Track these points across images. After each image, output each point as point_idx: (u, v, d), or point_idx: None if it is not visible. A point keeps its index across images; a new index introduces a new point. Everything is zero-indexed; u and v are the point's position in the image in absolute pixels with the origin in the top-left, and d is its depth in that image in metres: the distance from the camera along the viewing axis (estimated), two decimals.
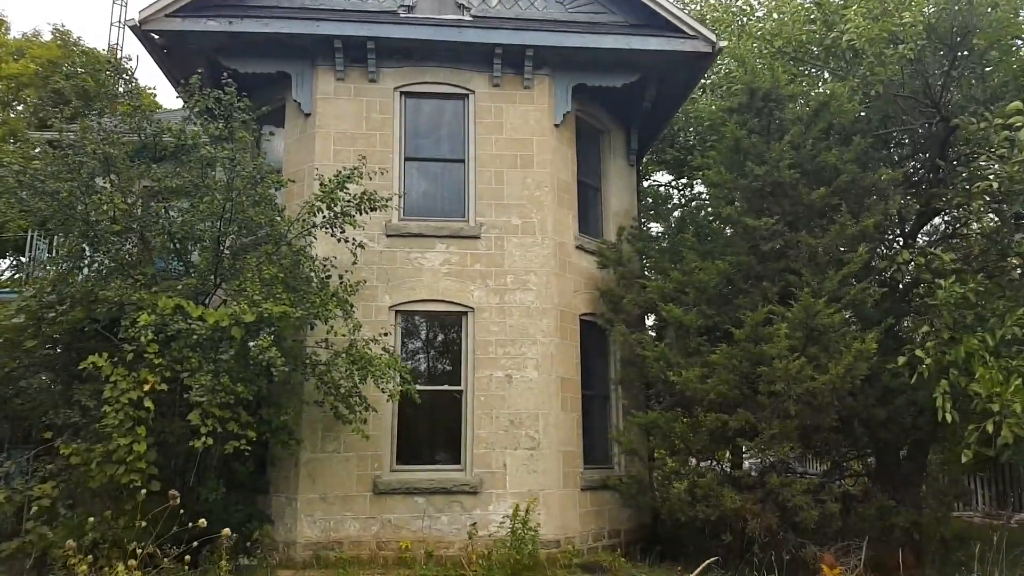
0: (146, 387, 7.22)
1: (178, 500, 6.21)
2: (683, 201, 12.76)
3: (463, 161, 10.52)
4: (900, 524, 8.40)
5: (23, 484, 8.22)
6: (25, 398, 8.45)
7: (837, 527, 8.18)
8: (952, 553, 8.99)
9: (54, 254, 8.89)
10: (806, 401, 8.02)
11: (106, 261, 8.26)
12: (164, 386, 7.33)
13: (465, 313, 10.00)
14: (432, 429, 9.99)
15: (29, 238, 13.55)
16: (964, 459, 7.36)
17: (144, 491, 7.31)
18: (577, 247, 11.00)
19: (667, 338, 9.91)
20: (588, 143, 11.92)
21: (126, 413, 7.15)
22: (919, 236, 12.17)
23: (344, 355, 8.17)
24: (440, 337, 10.30)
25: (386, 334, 9.17)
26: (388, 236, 9.98)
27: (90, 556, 7.29)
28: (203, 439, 7.13)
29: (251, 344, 7.56)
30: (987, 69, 10.86)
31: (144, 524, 7.71)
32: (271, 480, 9.49)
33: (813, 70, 13.11)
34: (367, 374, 8.06)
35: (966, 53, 10.23)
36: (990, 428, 7.06)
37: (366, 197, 8.72)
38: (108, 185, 8.25)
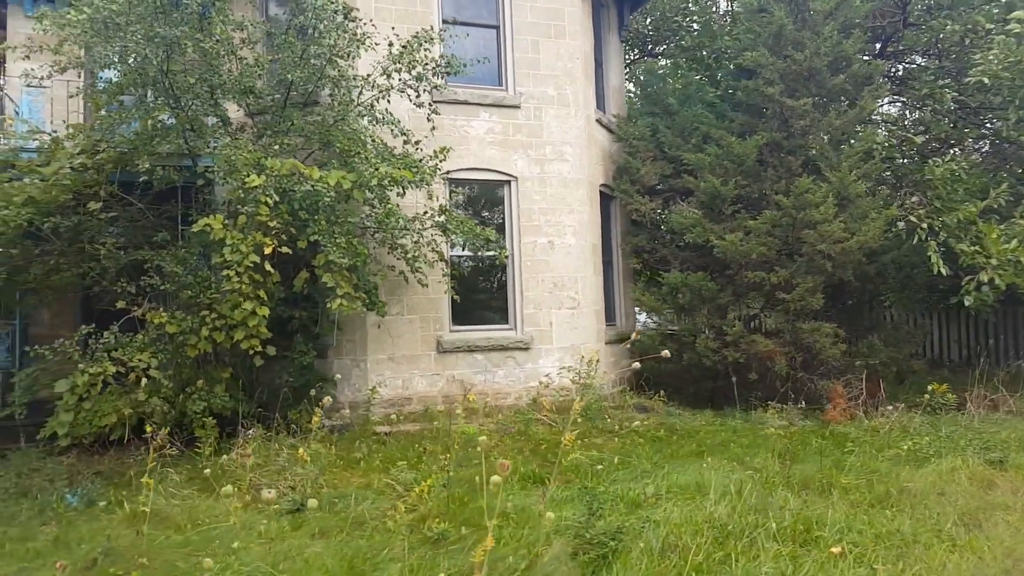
0: (267, 250, 7.08)
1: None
2: (674, 80, 13.53)
3: (498, 27, 10.48)
4: (883, 359, 10.32)
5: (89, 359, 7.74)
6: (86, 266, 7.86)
7: (842, 363, 9.91)
8: (905, 383, 11.20)
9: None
10: (834, 259, 9.45)
11: (182, 118, 7.67)
12: (286, 248, 7.22)
13: (509, 182, 10.33)
14: (482, 292, 10.48)
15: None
16: (967, 303, 9.18)
17: (258, 357, 7.40)
18: (596, 120, 11.51)
19: (685, 207, 10.85)
20: (593, 17, 12.14)
21: (250, 277, 7.02)
22: None
23: (443, 218, 8.36)
24: (487, 204, 10.57)
25: (456, 202, 9.36)
26: (435, 102, 9.87)
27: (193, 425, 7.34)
28: (339, 301, 7.21)
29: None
30: None
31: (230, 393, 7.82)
32: (329, 344, 9.62)
33: None
34: (470, 237, 8.35)
35: None
36: (984, 278, 8.84)
37: (444, 60, 8.61)
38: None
